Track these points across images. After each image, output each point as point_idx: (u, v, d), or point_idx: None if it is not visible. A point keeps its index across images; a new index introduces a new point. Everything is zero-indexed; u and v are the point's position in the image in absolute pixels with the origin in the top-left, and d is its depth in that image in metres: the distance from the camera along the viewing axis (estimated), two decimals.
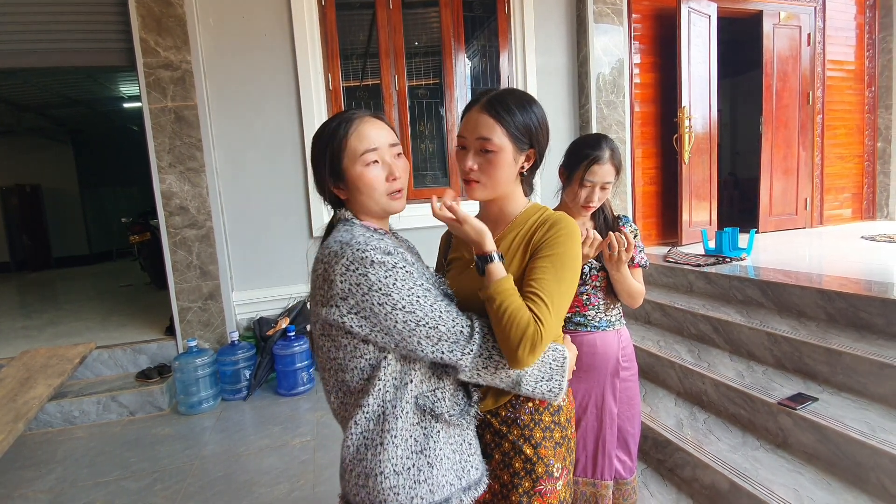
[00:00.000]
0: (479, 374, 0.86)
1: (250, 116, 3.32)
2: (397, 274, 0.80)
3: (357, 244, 0.81)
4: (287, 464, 2.32)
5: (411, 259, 0.85)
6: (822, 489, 1.63)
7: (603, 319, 1.49)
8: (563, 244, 0.89)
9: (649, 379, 2.57)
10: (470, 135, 0.93)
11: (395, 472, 0.82)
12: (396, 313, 0.79)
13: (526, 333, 0.80)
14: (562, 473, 0.95)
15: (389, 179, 0.90)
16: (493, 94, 0.94)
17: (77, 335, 3.63)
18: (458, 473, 0.87)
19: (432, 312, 0.81)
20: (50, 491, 2.25)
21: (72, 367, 2.57)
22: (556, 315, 0.85)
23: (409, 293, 0.80)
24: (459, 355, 0.83)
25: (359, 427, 0.84)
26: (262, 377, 3.18)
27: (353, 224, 0.90)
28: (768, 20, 4.21)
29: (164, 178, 3.11)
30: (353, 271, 0.79)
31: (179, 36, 3.04)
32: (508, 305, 0.82)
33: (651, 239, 4.18)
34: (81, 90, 6.13)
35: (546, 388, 0.90)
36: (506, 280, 0.84)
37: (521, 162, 0.96)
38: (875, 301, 2.15)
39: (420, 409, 0.85)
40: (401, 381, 0.85)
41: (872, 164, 4.79)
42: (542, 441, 0.93)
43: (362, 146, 0.88)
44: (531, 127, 0.94)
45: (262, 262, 3.42)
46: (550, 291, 0.85)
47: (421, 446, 0.84)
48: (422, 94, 3.72)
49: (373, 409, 0.84)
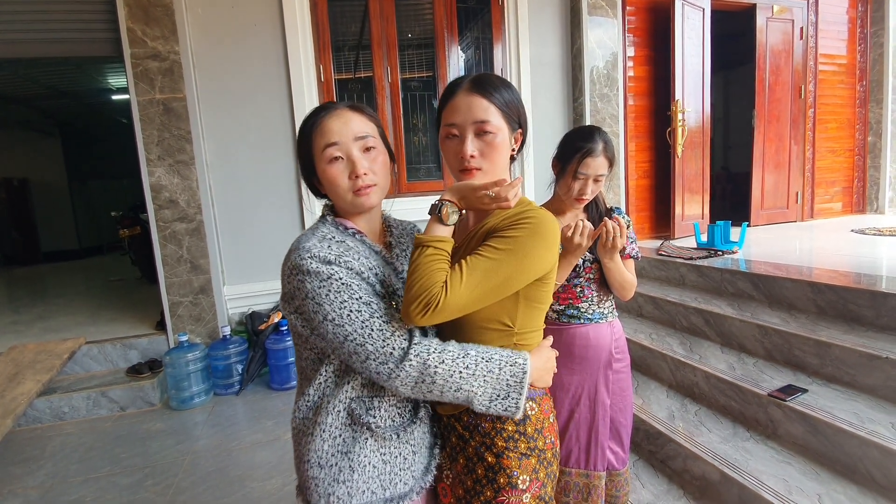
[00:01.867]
0: (423, 395, 0.82)
1: (241, 108, 3.27)
2: (331, 286, 0.79)
3: (302, 249, 0.81)
4: (280, 458, 2.32)
5: (359, 268, 0.82)
6: (811, 479, 1.65)
7: (596, 312, 1.49)
8: (521, 233, 0.81)
9: (641, 371, 2.58)
10: (463, 120, 0.88)
11: (318, 464, 0.84)
12: (327, 324, 0.79)
13: (423, 291, 0.76)
14: (530, 486, 0.88)
15: (352, 177, 0.86)
16: (475, 77, 0.90)
17: (66, 330, 3.59)
18: (384, 484, 0.86)
19: (362, 329, 0.78)
20: (40, 487, 2.23)
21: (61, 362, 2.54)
22: (468, 291, 0.78)
23: (341, 307, 0.78)
24: (386, 377, 0.80)
25: (300, 412, 0.88)
26: (254, 371, 3.17)
27: (323, 222, 0.90)
28: (761, 14, 4.21)
29: (153, 171, 3.07)
30: (294, 276, 0.81)
31: (167, 26, 2.99)
32: (427, 260, 0.79)
33: (644, 232, 4.19)
34: (69, 82, 6.03)
35: (502, 408, 0.84)
36: (445, 239, 0.81)
37: (512, 143, 0.92)
38: (864, 293, 2.17)
39: (351, 413, 0.84)
40: (340, 380, 0.85)
41: (863, 158, 4.82)
42: (504, 451, 0.87)
43: (322, 141, 0.86)
44: (517, 106, 0.91)
45: (253, 255, 3.39)
46: (477, 268, 0.79)
47: (347, 448, 0.84)
48: (415, 86, 3.69)
49: (312, 399, 0.87)
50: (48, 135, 8.26)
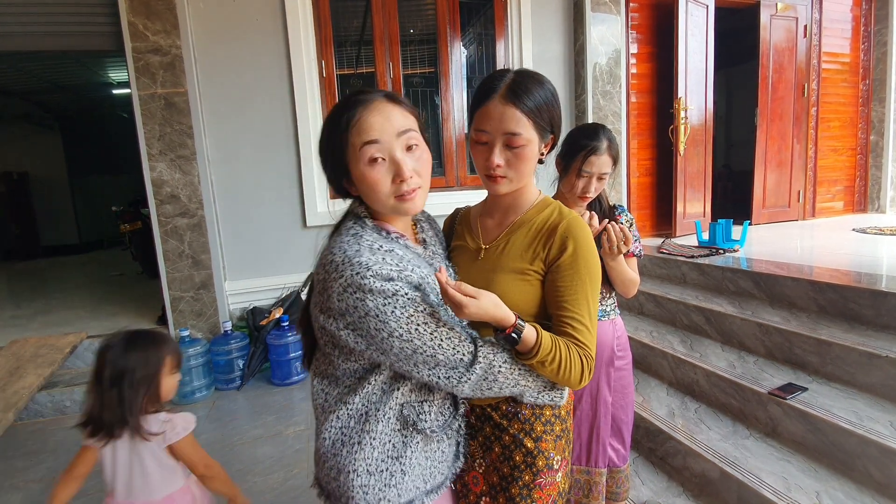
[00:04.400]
0: (480, 392, 0.84)
1: (242, 103, 3.27)
2: (397, 302, 0.74)
3: (358, 264, 0.74)
4: (281, 453, 2.33)
5: (417, 280, 0.78)
6: (809, 477, 1.66)
7: (598, 309, 1.49)
8: (584, 258, 0.87)
9: (642, 369, 2.58)
10: (494, 129, 0.86)
11: (367, 472, 0.81)
12: (393, 340, 0.75)
13: (583, 369, 0.84)
14: (561, 465, 0.94)
15: (396, 181, 0.78)
16: (512, 80, 0.87)
17: (68, 325, 3.59)
18: (426, 478, 0.87)
19: (431, 341, 0.77)
20: (41, 480, 2.23)
21: (62, 356, 2.55)
22: (594, 331, 0.87)
23: (408, 322, 0.75)
24: (456, 382, 0.80)
25: (340, 422, 0.83)
26: (255, 367, 3.17)
27: (363, 227, 0.82)
28: (765, 11, 4.19)
29: (154, 166, 3.06)
30: (351, 294, 0.74)
31: (168, 20, 2.98)
32: (558, 359, 0.81)
33: (645, 230, 4.19)
34: (70, 76, 6.00)
35: (549, 398, 0.90)
36: (542, 339, 0.81)
37: (541, 150, 0.92)
38: (865, 292, 2.17)
39: (403, 419, 0.83)
40: (389, 387, 0.83)
41: (865, 157, 4.82)
42: (542, 435, 0.91)
43: (361, 139, 0.77)
44: (553, 112, 0.89)
45: (255, 251, 3.40)
46: (586, 312, 0.86)
47: (398, 453, 0.83)
48: (417, 82, 3.68)
49: (357, 409, 0.82)
50: (48, 129, 8.23)
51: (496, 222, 0.98)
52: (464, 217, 1.07)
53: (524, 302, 0.88)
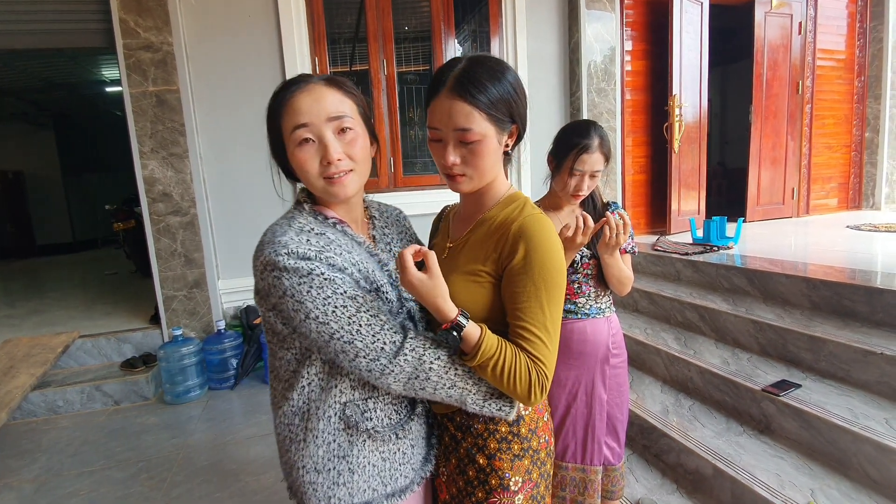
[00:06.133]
0: (414, 392, 0.79)
1: (235, 101, 3.24)
2: (312, 282, 0.73)
3: (277, 243, 0.75)
4: (274, 452, 2.31)
5: (341, 264, 0.77)
6: (803, 474, 1.66)
7: (593, 307, 1.49)
8: (538, 262, 0.78)
9: (636, 366, 2.58)
10: (445, 126, 0.80)
11: (315, 469, 0.80)
12: (309, 322, 0.74)
13: (531, 383, 0.77)
14: (522, 487, 0.87)
15: (324, 163, 0.79)
16: (460, 70, 0.79)
17: (60, 324, 3.57)
18: (384, 480, 0.84)
19: (349, 326, 0.73)
20: (34, 480, 2.22)
21: (55, 356, 2.53)
22: (552, 344, 0.79)
23: (324, 303, 0.73)
24: (378, 374, 0.76)
25: (285, 418, 0.83)
26: (249, 366, 3.16)
27: (300, 211, 0.84)
28: (760, 8, 4.18)
29: (146, 164, 3.04)
30: (269, 273, 0.74)
31: (160, 16, 2.96)
32: (502, 364, 0.76)
33: (640, 227, 4.18)
34: (63, 73, 5.96)
35: (496, 407, 0.82)
36: (485, 340, 0.76)
37: (504, 141, 0.84)
38: (859, 289, 2.17)
39: (346, 419, 0.80)
40: (327, 384, 0.80)
41: (860, 154, 4.82)
42: (496, 452, 0.85)
43: (291, 122, 0.78)
44: (510, 101, 0.81)
45: (248, 249, 3.28)
46: (542, 320, 0.78)
47: (344, 452, 0.81)
48: (411, 79, 3.66)
49: (297, 405, 0.81)
50: (42, 127, 8.18)
51: (464, 220, 0.94)
52: (447, 215, 1.05)
53: (473, 304, 0.82)
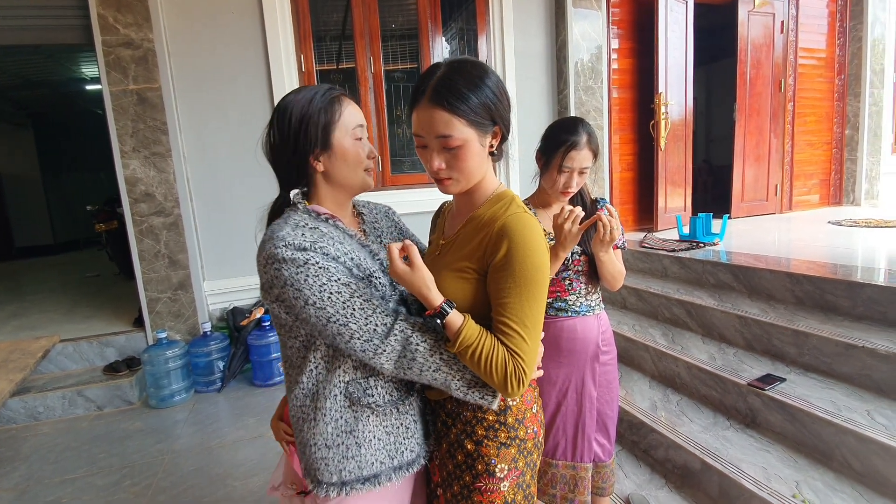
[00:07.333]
0: (403, 373, 0.85)
1: (219, 99, 3.19)
2: (308, 270, 0.81)
3: (277, 238, 0.83)
4: (262, 455, 2.29)
5: (335, 253, 0.85)
6: (789, 467, 1.68)
7: (583, 304, 1.49)
8: (520, 259, 0.81)
9: (624, 362, 2.60)
10: (427, 133, 0.84)
11: (326, 445, 0.88)
12: (308, 308, 0.81)
13: (507, 373, 0.80)
14: (508, 475, 0.91)
15: (370, 156, 0.96)
16: (439, 79, 0.82)
17: (41, 328, 3.48)
18: (391, 453, 0.91)
19: (344, 309, 0.81)
20: (14, 489, 2.16)
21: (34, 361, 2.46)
22: (533, 339, 0.82)
23: (321, 290, 0.81)
24: (372, 354, 0.83)
25: (297, 401, 0.91)
26: (236, 368, 3.12)
27: (295, 210, 0.91)
28: (743, 7, 4.23)
29: (127, 164, 2.98)
30: (270, 265, 0.83)
31: (140, 12, 2.89)
32: (479, 352, 0.79)
33: (627, 224, 4.22)
34: (41, 71, 5.81)
35: (479, 395, 0.85)
36: (466, 328, 0.80)
37: (488, 143, 0.88)
38: (841, 284, 2.21)
39: (349, 396, 0.88)
40: (331, 365, 0.88)
41: (840, 150, 4.91)
42: (483, 439, 0.91)
43: (354, 121, 0.93)
44: (490, 105, 0.84)
45: (234, 250, 3.32)
46: (521, 316, 0.81)
47: (350, 427, 0.88)
48: (398, 77, 3.63)
49: (307, 387, 0.90)
50: (20, 126, 7.96)
51: (457, 218, 0.98)
52: (444, 213, 1.08)
53: (462, 299, 0.86)
